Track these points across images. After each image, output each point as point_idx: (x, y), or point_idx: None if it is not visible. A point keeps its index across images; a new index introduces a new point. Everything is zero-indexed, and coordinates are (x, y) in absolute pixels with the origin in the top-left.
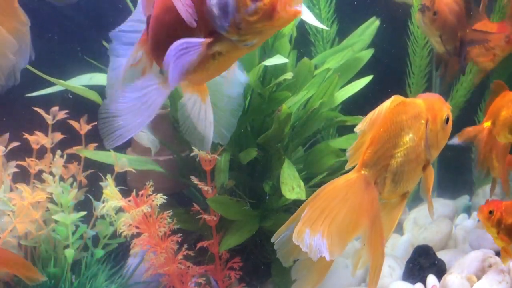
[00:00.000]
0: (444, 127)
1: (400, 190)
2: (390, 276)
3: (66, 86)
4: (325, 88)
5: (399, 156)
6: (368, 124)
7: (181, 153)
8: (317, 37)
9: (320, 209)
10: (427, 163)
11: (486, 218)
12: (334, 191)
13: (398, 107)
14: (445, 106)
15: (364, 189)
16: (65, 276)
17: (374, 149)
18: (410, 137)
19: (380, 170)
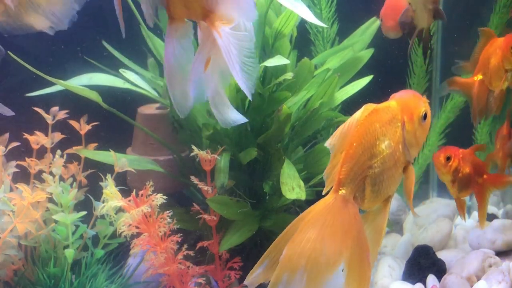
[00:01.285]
0: (422, 123)
1: (381, 197)
2: (390, 276)
3: (66, 86)
4: (325, 88)
5: (377, 166)
6: (339, 138)
7: (181, 153)
8: (318, 37)
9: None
10: (407, 164)
11: (442, 165)
12: (312, 222)
13: (371, 116)
14: (420, 102)
15: (343, 210)
16: (65, 276)
17: (349, 165)
18: (386, 145)
19: (358, 184)
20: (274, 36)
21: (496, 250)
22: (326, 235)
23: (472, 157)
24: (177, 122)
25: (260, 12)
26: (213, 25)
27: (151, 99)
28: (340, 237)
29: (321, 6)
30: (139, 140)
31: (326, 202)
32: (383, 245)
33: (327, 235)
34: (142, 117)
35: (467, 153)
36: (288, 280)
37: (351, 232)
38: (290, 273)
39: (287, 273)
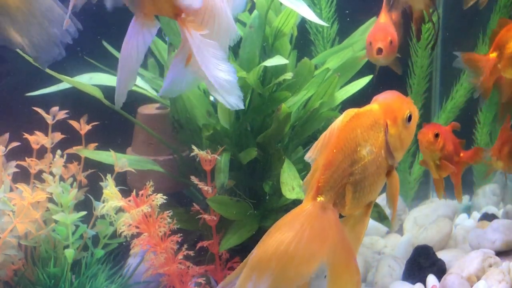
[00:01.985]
0: (407, 126)
1: (362, 203)
2: (390, 276)
3: (69, 82)
4: (325, 88)
5: (358, 173)
6: (319, 151)
7: (181, 153)
8: (318, 37)
9: (270, 249)
10: (390, 169)
11: (431, 143)
12: (288, 226)
13: (352, 121)
14: (404, 104)
15: (321, 217)
16: (65, 276)
17: (329, 173)
18: (368, 150)
19: (338, 191)
20: (274, 35)
21: (496, 250)
22: (301, 240)
23: (451, 134)
24: (177, 122)
25: (260, 13)
26: (184, 24)
27: (151, 99)
28: (318, 243)
29: (321, 6)
30: (139, 140)
31: (303, 208)
32: (383, 245)
33: (303, 240)
34: (142, 117)
35: (448, 131)
36: (257, 281)
37: (331, 238)
38: (259, 275)
39: (256, 274)
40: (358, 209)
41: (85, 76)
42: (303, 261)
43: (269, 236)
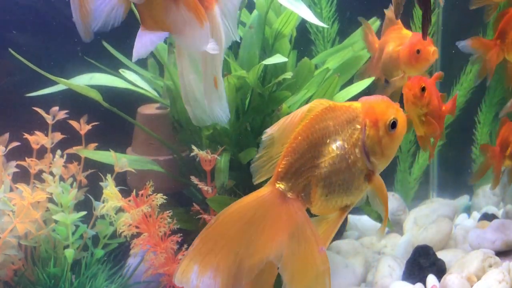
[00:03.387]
0: (390, 132)
1: (335, 203)
2: (390, 276)
3: (67, 85)
4: (325, 88)
5: (325, 167)
6: (279, 129)
7: (181, 153)
8: (318, 37)
9: (216, 237)
10: (370, 173)
11: (418, 98)
12: (239, 212)
13: (324, 112)
14: (390, 109)
15: (279, 205)
16: (65, 276)
17: (290, 160)
18: (338, 145)
19: (302, 183)
20: (274, 37)
21: (496, 250)
22: (252, 230)
23: (435, 87)
24: (177, 122)
25: (260, 13)
26: None
27: (151, 99)
28: (272, 234)
29: (321, 6)
30: (139, 140)
31: (260, 194)
32: (383, 245)
33: (254, 230)
34: (142, 117)
35: (432, 84)
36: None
37: (290, 229)
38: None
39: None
40: (331, 210)
41: (85, 76)
42: (253, 253)
43: (217, 222)
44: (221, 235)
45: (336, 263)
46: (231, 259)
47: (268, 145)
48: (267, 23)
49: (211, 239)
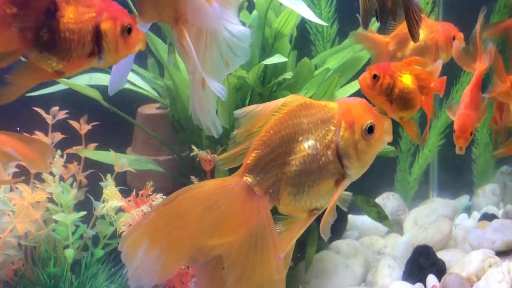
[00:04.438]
0: (366, 137)
1: (304, 205)
2: (390, 276)
3: (67, 84)
4: (325, 88)
5: (295, 165)
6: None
7: (181, 153)
8: (317, 37)
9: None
10: (341, 178)
11: (370, 87)
12: (201, 196)
13: (299, 108)
14: (368, 113)
15: (244, 199)
16: (65, 276)
17: (260, 153)
18: (310, 144)
19: (270, 179)
20: (274, 36)
21: (496, 250)
22: (211, 218)
23: (412, 68)
24: (177, 122)
25: (260, 12)
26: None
27: (151, 99)
28: (230, 227)
29: (321, 6)
30: (139, 140)
31: (226, 183)
32: (383, 245)
33: (212, 218)
34: (142, 117)
35: (403, 66)
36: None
37: (249, 227)
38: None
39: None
40: (298, 211)
41: (85, 76)
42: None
43: (176, 201)
44: (178, 214)
45: (336, 263)
46: (182, 241)
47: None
48: (267, 23)
49: (167, 216)
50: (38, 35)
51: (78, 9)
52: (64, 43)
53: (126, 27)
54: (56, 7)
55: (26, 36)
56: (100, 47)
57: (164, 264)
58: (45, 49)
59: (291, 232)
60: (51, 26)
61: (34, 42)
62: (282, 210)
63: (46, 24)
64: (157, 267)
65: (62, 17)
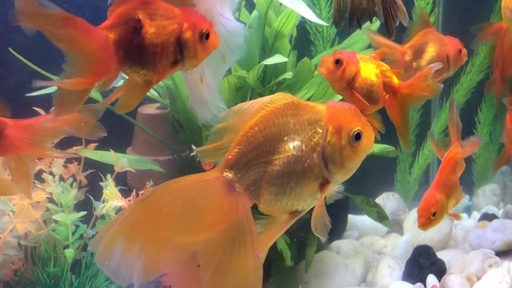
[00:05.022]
0: (353, 144)
1: (285, 206)
2: (390, 276)
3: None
4: (325, 88)
5: (278, 165)
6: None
7: (181, 153)
8: (317, 37)
9: (149, 211)
10: (325, 182)
11: (331, 70)
12: (180, 191)
13: (287, 107)
14: (356, 120)
15: (224, 194)
16: (65, 276)
17: (243, 149)
18: (295, 145)
19: (252, 176)
20: (274, 36)
21: (496, 250)
22: (190, 213)
23: (378, 63)
24: (177, 122)
25: (260, 12)
26: None
27: (151, 99)
28: (208, 224)
29: (321, 6)
30: (139, 140)
31: (205, 178)
32: (383, 245)
33: (191, 213)
34: (142, 117)
35: (371, 58)
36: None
37: (228, 224)
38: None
39: (125, 238)
40: (279, 212)
41: None
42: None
43: (154, 196)
44: (156, 210)
45: (336, 263)
46: (161, 237)
47: (220, 131)
48: (267, 23)
49: (144, 212)
50: (127, 52)
51: (160, 23)
52: (150, 57)
53: (204, 34)
54: (141, 25)
55: (118, 55)
56: (182, 55)
57: (145, 261)
58: (134, 64)
59: (269, 233)
60: (138, 43)
61: (125, 59)
62: (262, 209)
63: (133, 41)
64: (140, 265)
65: (146, 34)
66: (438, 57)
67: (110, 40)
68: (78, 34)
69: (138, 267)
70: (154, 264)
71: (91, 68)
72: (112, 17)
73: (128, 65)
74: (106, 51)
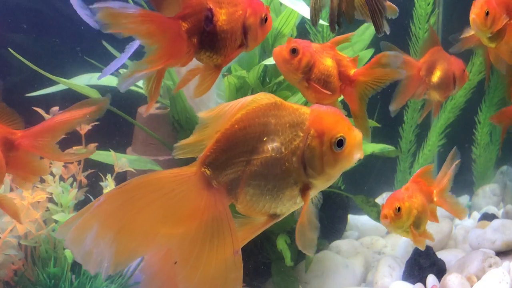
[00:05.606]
0: (335, 151)
1: (263, 208)
2: (390, 276)
3: (67, 85)
4: None
5: (256, 165)
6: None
7: None
8: (318, 37)
9: (124, 201)
10: (306, 188)
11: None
12: (156, 183)
13: (269, 107)
14: (339, 126)
15: (201, 189)
16: (65, 276)
17: (221, 147)
18: (274, 146)
19: (230, 175)
20: (274, 36)
21: (496, 250)
22: (166, 206)
23: (334, 52)
24: (177, 122)
25: None
26: None
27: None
28: (184, 218)
29: None
30: (139, 140)
31: (182, 172)
32: (383, 245)
33: (167, 207)
34: (142, 117)
35: (326, 47)
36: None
37: (205, 219)
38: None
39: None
40: (257, 213)
41: (85, 76)
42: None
43: (130, 186)
44: (132, 200)
45: (336, 263)
46: (135, 228)
47: (200, 129)
48: None
49: (120, 201)
50: (201, 39)
51: (228, 10)
52: (221, 42)
53: (264, 18)
54: (212, 14)
55: (193, 42)
56: (246, 39)
57: (117, 251)
58: (207, 49)
59: (244, 233)
60: (210, 30)
61: (198, 45)
62: (239, 209)
63: (206, 29)
64: (111, 254)
65: (218, 21)
66: (446, 75)
67: (183, 29)
68: (156, 27)
69: (109, 256)
70: (125, 254)
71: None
72: (185, 7)
73: (203, 50)
74: (179, 38)
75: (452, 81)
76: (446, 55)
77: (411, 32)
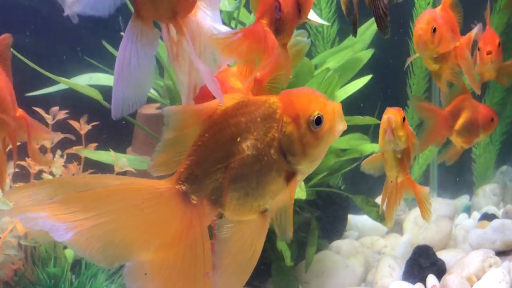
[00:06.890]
0: (314, 130)
1: (251, 207)
2: (390, 276)
3: (68, 84)
4: (325, 88)
5: (235, 168)
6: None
7: None
8: (317, 37)
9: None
10: (291, 174)
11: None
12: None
13: (236, 107)
14: (313, 103)
15: (175, 206)
16: (65, 276)
17: (195, 159)
18: (250, 144)
19: (210, 185)
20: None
21: (496, 250)
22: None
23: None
24: None
25: None
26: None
27: (151, 99)
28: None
29: (321, 6)
30: (139, 140)
31: (156, 186)
32: (383, 245)
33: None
34: (142, 117)
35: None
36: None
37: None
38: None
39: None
40: (247, 214)
41: (85, 76)
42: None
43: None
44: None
45: (336, 263)
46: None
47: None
48: None
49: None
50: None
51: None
52: (287, 24)
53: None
54: (279, 4)
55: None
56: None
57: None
58: (279, 32)
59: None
60: (280, 17)
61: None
62: (229, 216)
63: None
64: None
65: (285, 7)
66: (470, 123)
67: (266, 27)
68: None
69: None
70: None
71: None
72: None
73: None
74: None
75: (476, 129)
76: (473, 104)
77: (411, 32)
